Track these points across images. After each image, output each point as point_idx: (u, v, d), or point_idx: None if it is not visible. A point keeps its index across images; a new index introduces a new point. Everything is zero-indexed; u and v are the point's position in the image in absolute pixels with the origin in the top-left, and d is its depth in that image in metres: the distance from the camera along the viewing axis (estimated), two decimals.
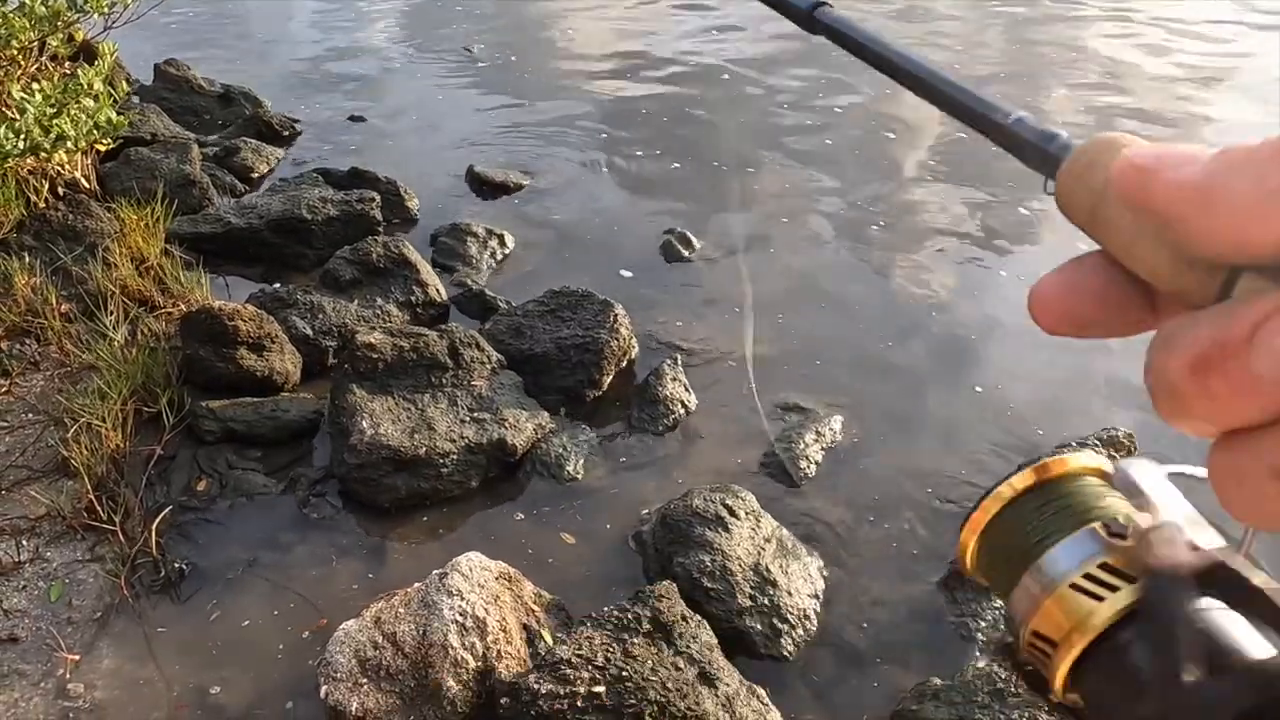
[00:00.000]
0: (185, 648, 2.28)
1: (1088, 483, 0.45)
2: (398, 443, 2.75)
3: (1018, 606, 0.44)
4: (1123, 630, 0.40)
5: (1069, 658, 0.41)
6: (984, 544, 0.47)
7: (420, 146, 5.46)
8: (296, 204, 4.13)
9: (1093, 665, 0.40)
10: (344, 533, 2.65)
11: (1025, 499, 0.46)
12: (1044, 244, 4.41)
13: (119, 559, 2.48)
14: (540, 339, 3.30)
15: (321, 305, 3.46)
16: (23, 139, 3.42)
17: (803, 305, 3.85)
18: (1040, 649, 0.42)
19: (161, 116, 5.19)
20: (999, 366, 3.47)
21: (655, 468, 2.93)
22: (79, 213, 3.86)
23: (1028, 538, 0.44)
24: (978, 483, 2.86)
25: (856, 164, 5.32)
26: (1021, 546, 0.44)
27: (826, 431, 3.04)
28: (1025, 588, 0.43)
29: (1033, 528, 0.44)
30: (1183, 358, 0.25)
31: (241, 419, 2.93)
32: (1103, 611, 0.40)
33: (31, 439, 2.87)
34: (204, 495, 2.74)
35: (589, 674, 1.97)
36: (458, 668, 2.05)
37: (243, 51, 7.26)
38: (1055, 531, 0.43)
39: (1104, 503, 0.44)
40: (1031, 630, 0.43)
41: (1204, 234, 0.25)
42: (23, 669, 2.20)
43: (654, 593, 2.18)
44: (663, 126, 5.81)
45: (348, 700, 1.99)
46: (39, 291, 3.38)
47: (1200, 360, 0.25)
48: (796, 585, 2.44)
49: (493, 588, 2.22)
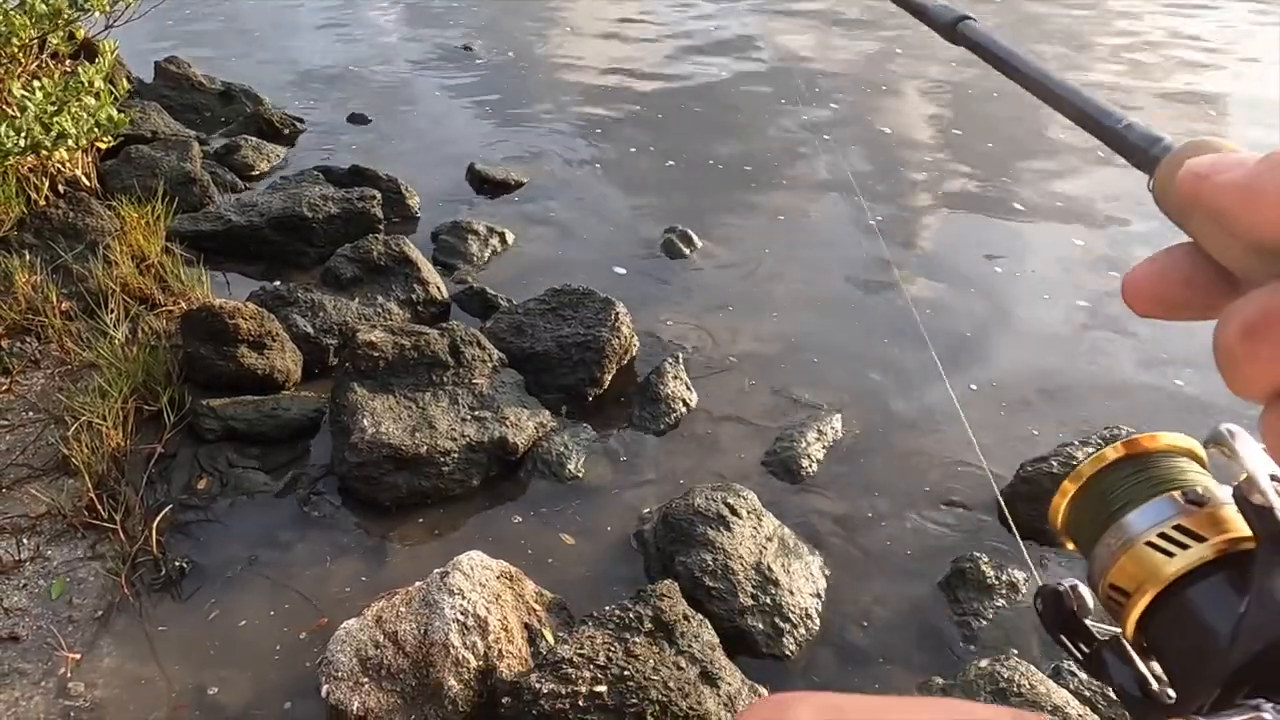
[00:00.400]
0: (185, 646, 2.27)
1: (1173, 458, 0.50)
2: (399, 441, 2.74)
3: (1098, 563, 0.49)
4: (1192, 583, 0.44)
5: (1140, 605, 0.46)
6: (1073, 506, 0.52)
7: (421, 144, 5.46)
8: (297, 202, 4.13)
9: (1161, 613, 0.45)
10: (345, 531, 2.65)
11: (1115, 468, 0.50)
12: (1041, 243, 4.40)
13: (119, 557, 2.48)
14: (541, 337, 3.30)
15: (322, 303, 3.45)
16: (23, 137, 3.41)
17: (803, 303, 3.84)
18: (1115, 599, 0.47)
19: (162, 114, 5.19)
20: (1000, 365, 3.46)
21: (657, 466, 2.93)
22: (79, 210, 3.86)
23: (1112, 503, 0.49)
24: (979, 481, 2.85)
25: (856, 161, 5.31)
26: (1106, 509, 0.49)
27: (828, 430, 3.04)
28: (1106, 544, 0.48)
29: (1117, 494, 0.49)
30: (1236, 325, 0.29)
31: (242, 417, 2.92)
32: (1173, 565, 0.44)
33: (32, 437, 2.86)
34: (204, 494, 2.73)
35: (590, 673, 1.97)
36: (459, 667, 2.04)
37: (244, 49, 7.25)
38: (1137, 498, 0.48)
39: (1185, 475, 0.48)
40: (1109, 583, 0.48)
41: (1251, 225, 0.30)
42: (23, 667, 2.20)
43: (655, 592, 2.18)
44: (663, 123, 5.80)
45: (349, 699, 1.99)
46: (40, 289, 3.38)
47: (1249, 328, 0.29)
48: (798, 584, 2.43)
49: (494, 587, 2.22)
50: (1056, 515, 0.53)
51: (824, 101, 6.15)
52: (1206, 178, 0.31)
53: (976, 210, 4.73)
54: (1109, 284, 3.96)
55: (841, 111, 6.00)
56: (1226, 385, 0.31)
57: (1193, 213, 0.33)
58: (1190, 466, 0.49)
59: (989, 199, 4.82)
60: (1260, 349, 0.29)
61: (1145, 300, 0.36)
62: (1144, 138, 0.39)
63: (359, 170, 4.65)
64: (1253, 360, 0.29)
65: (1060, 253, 4.32)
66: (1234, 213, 0.30)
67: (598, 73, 6.78)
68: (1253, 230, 0.30)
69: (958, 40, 0.60)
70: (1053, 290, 4.00)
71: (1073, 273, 4.14)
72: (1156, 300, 0.35)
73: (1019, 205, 4.74)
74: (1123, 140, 0.41)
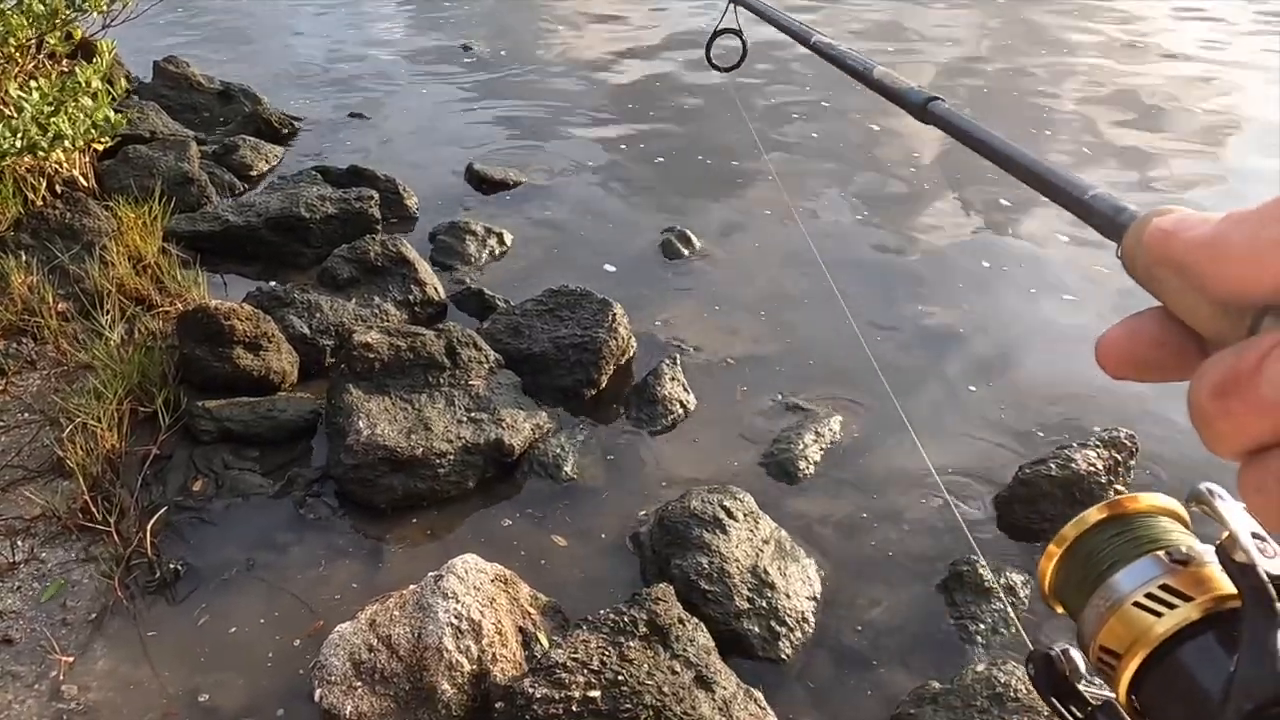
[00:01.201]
0: (179, 649, 2.27)
1: (1156, 519, 0.50)
2: (394, 443, 2.73)
3: (1087, 625, 0.49)
4: (1180, 643, 0.44)
5: (1131, 667, 0.46)
6: (1059, 569, 0.52)
7: (419, 144, 5.45)
8: (295, 202, 4.12)
9: (1152, 675, 0.45)
10: (340, 534, 2.64)
11: (1098, 530, 0.51)
12: (1044, 244, 4.39)
13: (114, 560, 2.47)
14: (538, 338, 3.29)
15: (319, 304, 3.44)
16: (20, 137, 3.40)
17: (801, 304, 3.83)
18: (1107, 662, 0.47)
19: (160, 114, 5.18)
20: (999, 368, 3.45)
21: (653, 468, 2.92)
22: (76, 211, 3.85)
23: (1098, 564, 0.49)
24: (977, 484, 2.84)
25: (855, 164, 5.30)
26: (1093, 570, 0.49)
27: (826, 432, 3.03)
28: (1094, 606, 0.49)
29: (1103, 555, 0.49)
30: (1207, 384, 0.30)
31: (238, 419, 2.92)
32: (1162, 625, 0.45)
33: (27, 439, 2.86)
34: (200, 495, 2.72)
35: (584, 678, 1.96)
36: (452, 671, 2.04)
37: (242, 49, 7.25)
38: (1123, 558, 0.48)
39: (1169, 535, 0.49)
40: (1099, 645, 0.48)
41: (1217, 280, 0.30)
42: (17, 670, 2.19)
43: (651, 595, 2.17)
44: (663, 124, 5.79)
45: (342, 703, 1.98)
46: (36, 290, 3.37)
47: (1219, 386, 0.29)
48: (795, 587, 2.42)
49: (488, 590, 2.21)
50: (1044, 579, 0.53)
51: (825, 103, 6.13)
52: (1173, 234, 0.32)
53: (982, 211, 4.72)
54: (1113, 288, 3.95)
55: (842, 112, 5.99)
56: (1204, 444, 0.31)
57: (1160, 272, 0.34)
58: (1173, 526, 0.50)
59: (993, 201, 4.81)
60: (1231, 407, 0.29)
61: (1116, 362, 0.37)
62: (1110, 206, 0.41)
63: (357, 170, 4.64)
64: (1225, 418, 0.29)
65: (1055, 255, 4.30)
66: (1200, 269, 0.31)
67: (598, 72, 6.77)
68: (1219, 286, 0.30)
69: (928, 119, 0.63)
70: (1054, 292, 3.98)
71: (1075, 273, 4.13)
72: (1127, 362, 0.37)
73: (1023, 213, 4.72)
74: (1090, 210, 0.42)
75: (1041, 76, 6.90)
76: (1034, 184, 0.48)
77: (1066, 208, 0.45)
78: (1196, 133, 5.87)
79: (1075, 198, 0.43)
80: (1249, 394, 0.28)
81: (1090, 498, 2.65)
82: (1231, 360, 0.29)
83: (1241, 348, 0.29)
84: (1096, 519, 0.51)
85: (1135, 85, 6.71)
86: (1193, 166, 5.36)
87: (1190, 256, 0.31)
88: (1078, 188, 0.43)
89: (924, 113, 0.63)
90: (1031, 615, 2.42)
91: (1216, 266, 0.30)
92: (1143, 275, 0.35)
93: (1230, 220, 0.30)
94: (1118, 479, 2.74)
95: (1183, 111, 6.22)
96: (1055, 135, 5.78)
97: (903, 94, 0.69)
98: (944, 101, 0.62)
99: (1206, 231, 0.31)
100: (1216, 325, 0.33)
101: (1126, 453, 2.79)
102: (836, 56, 1.02)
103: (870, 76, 0.87)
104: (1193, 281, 0.32)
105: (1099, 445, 2.78)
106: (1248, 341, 0.29)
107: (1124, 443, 2.80)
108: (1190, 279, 0.32)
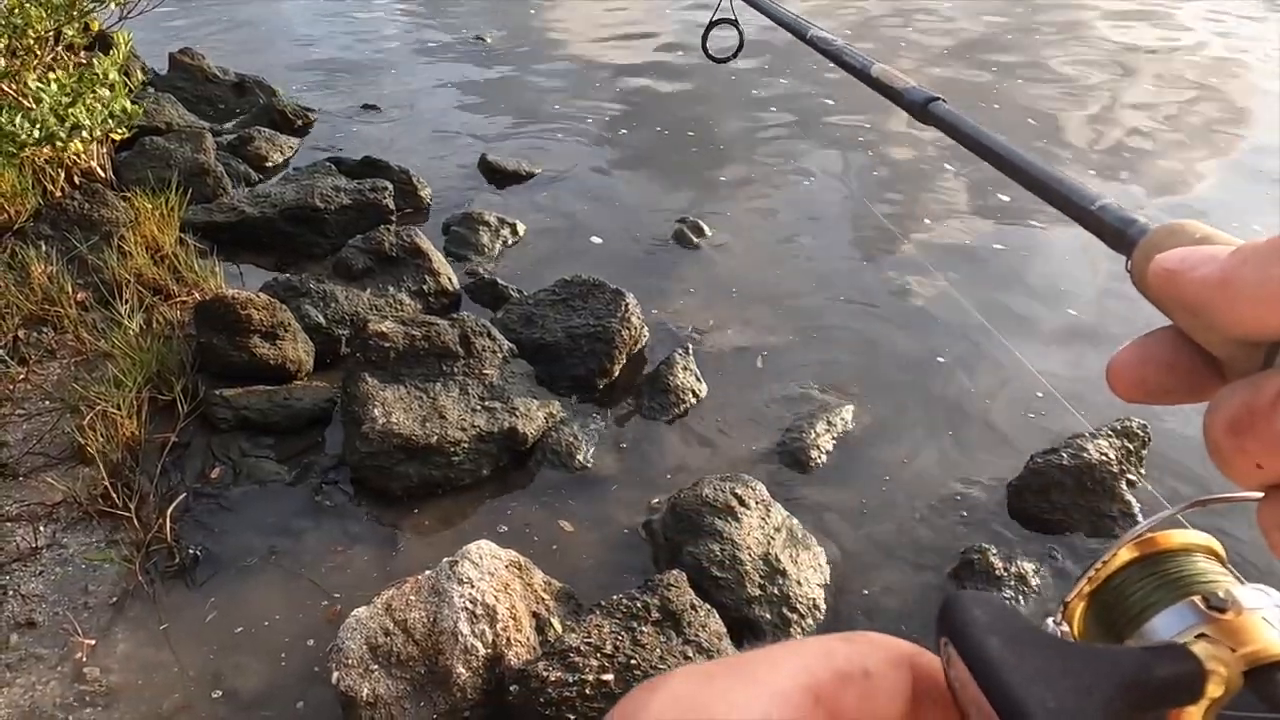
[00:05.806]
0: (198, 633, 2.30)
1: (1193, 558, 0.47)
2: (409, 431, 2.76)
3: None
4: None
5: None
6: (1090, 611, 0.50)
7: (433, 135, 5.47)
8: (310, 193, 4.15)
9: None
10: (356, 520, 2.67)
11: (1130, 570, 0.48)
12: (1057, 239, 4.37)
13: (134, 545, 2.51)
14: (551, 328, 3.31)
15: (334, 294, 3.47)
16: (39, 128, 3.44)
17: (815, 295, 3.83)
18: None
19: (176, 106, 5.22)
20: (1012, 358, 3.44)
21: (665, 457, 2.93)
22: (94, 202, 3.89)
23: (1130, 608, 0.46)
24: (989, 473, 2.84)
25: (869, 156, 5.28)
26: (1124, 616, 0.46)
27: (837, 421, 3.04)
28: None
29: (1136, 599, 0.46)
30: (1221, 420, 0.29)
31: (255, 407, 2.95)
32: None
33: (48, 426, 2.90)
34: (217, 482, 2.76)
35: (598, 662, 1.98)
36: (468, 655, 2.06)
37: (258, 41, 7.28)
38: (1157, 602, 0.45)
39: (1207, 577, 0.45)
40: None
41: (1229, 319, 0.29)
42: (40, 652, 2.23)
43: (663, 581, 2.19)
44: (676, 115, 5.79)
45: (359, 686, 2.01)
46: (55, 280, 3.42)
47: (1234, 422, 0.28)
48: (806, 575, 2.44)
49: (503, 576, 2.23)
50: (1073, 619, 0.51)
51: (835, 95, 6.11)
52: (1179, 274, 0.31)
53: (998, 203, 4.70)
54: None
55: (851, 106, 5.97)
56: (1221, 473, 0.30)
57: (1168, 305, 0.33)
58: (1210, 565, 0.47)
59: (1007, 195, 4.79)
60: (1247, 444, 0.28)
61: (1127, 385, 0.35)
62: (1119, 219, 0.38)
63: (371, 161, 4.66)
64: (1241, 455, 0.28)
65: (1073, 252, 4.29)
66: (1211, 310, 0.30)
67: (612, 63, 6.77)
68: (1232, 327, 0.29)
69: (929, 120, 0.61)
70: (1069, 281, 3.97)
71: (1090, 261, 4.11)
72: (1139, 385, 0.35)
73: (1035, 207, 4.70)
74: (1098, 221, 0.39)
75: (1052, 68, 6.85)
76: (1039, 191, 0.45)
77: (1072, 217, 0.42)
78: (1206, 131, 5.82)
79: (1082, 208, 0.41)
80: (1264, 432, 0.27)
81: (1102, 487, 2.65)
82: (1246, 396, 0.28)
83: (1257, 383, 0.28)
84: (1128, 558, 0.48)
85: (1145, 74, 6.66)
86: (1205, 168, 5.32)
87: (1199, 298, 0.30)
88: (1085, 197, 0.41)
89: (924, 113, 0.61)
90: (1040, 601, 2.43)
91: (1228, 307, 0.29)
92: (1153, 296, 0.34)
93: (1238, 258, 0.29)
94: (1130, 469, 2.74)
95: (1193, 110, 6.17)
96: (1055, 135, 5.75)
97: (902, 93, 0.66)
98: (945, 102, 0.59)
99: (1213, 271, 0.29)
100: (1230, 351, 0.31)
101: (1139, 442, 2.78)
102: (834, 51, 0.99)
103: (868, 74, 0.85)
104: (1203, 320, 0.30)
105: (1111, 435, 2.77)
106: (1263, 376, 0.28)
107: (1136, 432, 2.79)
108: (1200, 318, 0.31)
